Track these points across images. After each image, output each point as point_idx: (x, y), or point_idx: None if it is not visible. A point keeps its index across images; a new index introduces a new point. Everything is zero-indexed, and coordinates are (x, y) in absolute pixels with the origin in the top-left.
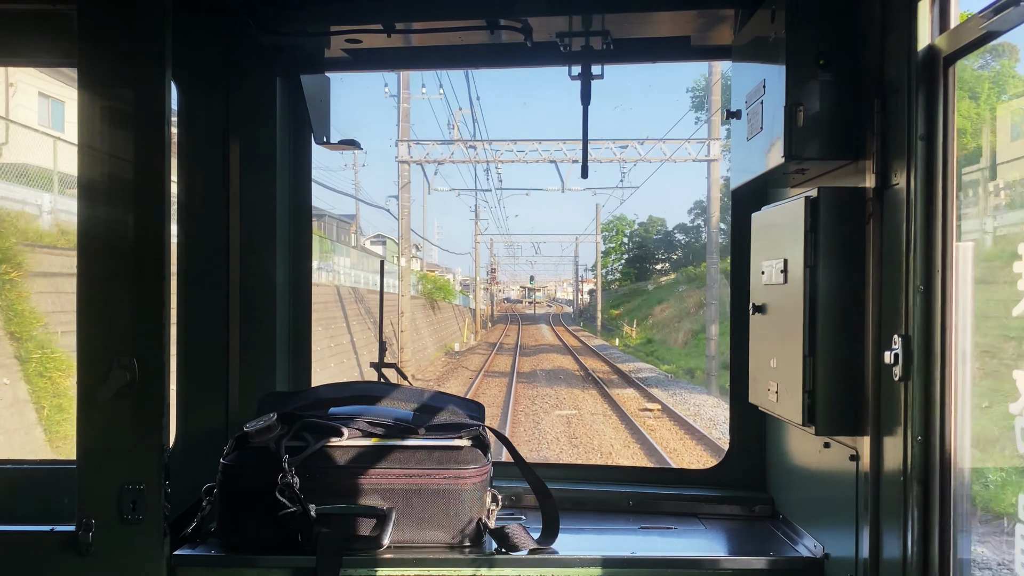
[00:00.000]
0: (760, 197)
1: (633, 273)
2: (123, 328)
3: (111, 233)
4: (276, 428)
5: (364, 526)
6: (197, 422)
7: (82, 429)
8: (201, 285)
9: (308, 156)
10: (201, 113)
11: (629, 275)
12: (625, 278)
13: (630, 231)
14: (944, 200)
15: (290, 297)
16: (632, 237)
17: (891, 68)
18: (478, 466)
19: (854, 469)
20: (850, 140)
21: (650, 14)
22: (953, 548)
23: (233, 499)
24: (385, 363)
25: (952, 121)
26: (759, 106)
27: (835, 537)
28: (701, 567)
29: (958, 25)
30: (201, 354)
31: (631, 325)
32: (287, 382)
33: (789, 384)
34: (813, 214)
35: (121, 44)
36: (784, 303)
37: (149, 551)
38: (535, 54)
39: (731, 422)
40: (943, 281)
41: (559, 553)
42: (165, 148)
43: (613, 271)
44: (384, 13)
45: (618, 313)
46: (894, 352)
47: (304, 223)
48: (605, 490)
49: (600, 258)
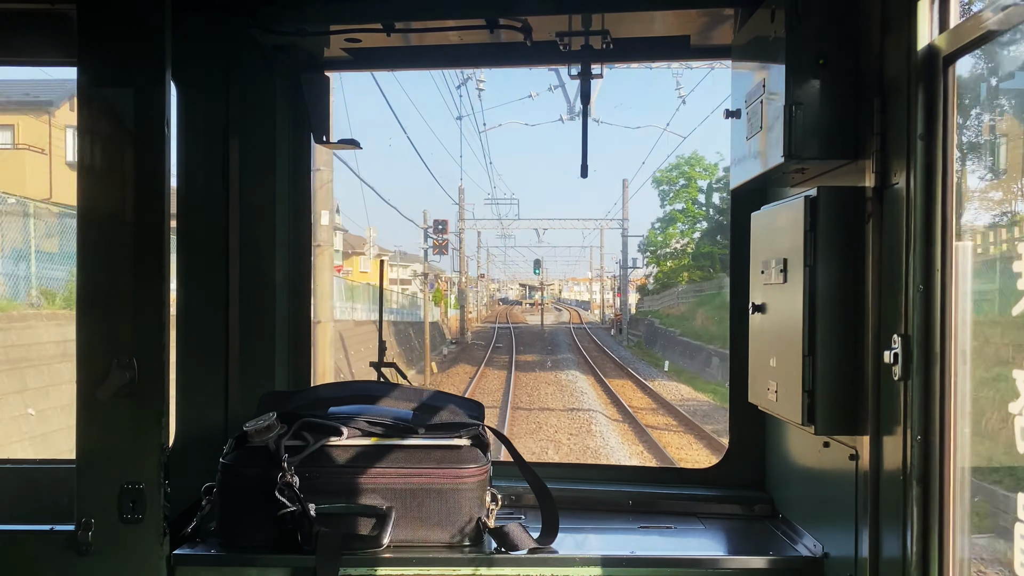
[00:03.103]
0: (760, 197)
1: (718, 255)
2: (123, 327)
3: (111, 232)
4: (276, 427)
5: (364, 525)
6: (197, 421)
7: (82, 428)
8: (201, 285)
9: (308, 156)
10: (201, 113)
11: (711, 259)
12: (699, 266)
13: (711, 181)
14: (944, 200)
15: (290, 296)
16: (712, 193)
17: (891, 68)
18: (478, 465)
19: (854, 469)
20: (850, 140)
21: (650, 13)
22: (952, 547)
23: (233, 498)
24: (384, 363)
25: (952, 120)
26: (759, 106)
27: (835, 536)
28: (701, 566)
29: (958, 24)
30: (201, 353)
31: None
32: (287, 381)
33: (789, 384)
34: (813, 214)
35: (121, 44)
36: (784, 303)
37: (149, 550)
38: (535, 53)
39: (731, 422)
40: (943, 281)
41: (559, 552)
42: (165, 148)
43: (674, 255)
44: (384, 13)
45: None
46: (894, 352)
47: (304, 223)
48: (605, 490)
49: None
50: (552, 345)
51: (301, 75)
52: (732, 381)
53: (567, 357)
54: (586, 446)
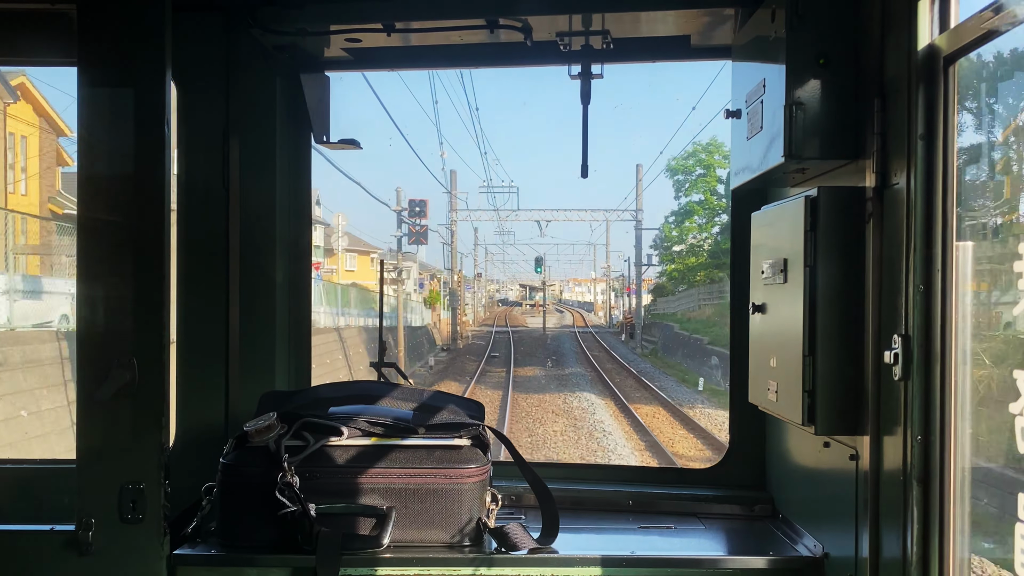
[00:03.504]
0: (760, 197)
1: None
2: (123, 327)
3: (111, 232)
4: (276, 427)
5: (364, 525)
6: (197, 421)
7: (82, 428)
8: (201, 284)
9: (308, 155)
10: (201, 113)
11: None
12: (720, 263)
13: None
14: (944, 200)
15: (289, 296)
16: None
17: (891, 67)
18: (478, 465)
19: (854, 469)
20: (850, 140)
21: (650, 13)
22: (953, 548)
23: (233, 498)
24: (385, 363)
25: (952, 120)
26: (759, 106)
27: (835, 537)
28: (701, 567)
29: (958, 24)
30: (201, 353)
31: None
32: (287, 381)
33: (789, 384)
34: (813, 214)
35: (121, 44)
36: (784, 303)
37: (149, 550)
38: (535, 53)
39: (731, 421)
40: (943, 281)
41: (559, 552)
42: (165, 148)
43: (691, 251)
44: (384, 13)
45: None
46: (894, 352)
47: (304, 222)
48: (605, 490)
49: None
50: (557, 355)
51: (301, 75)
52: (732, 381)
53: (576, 372)
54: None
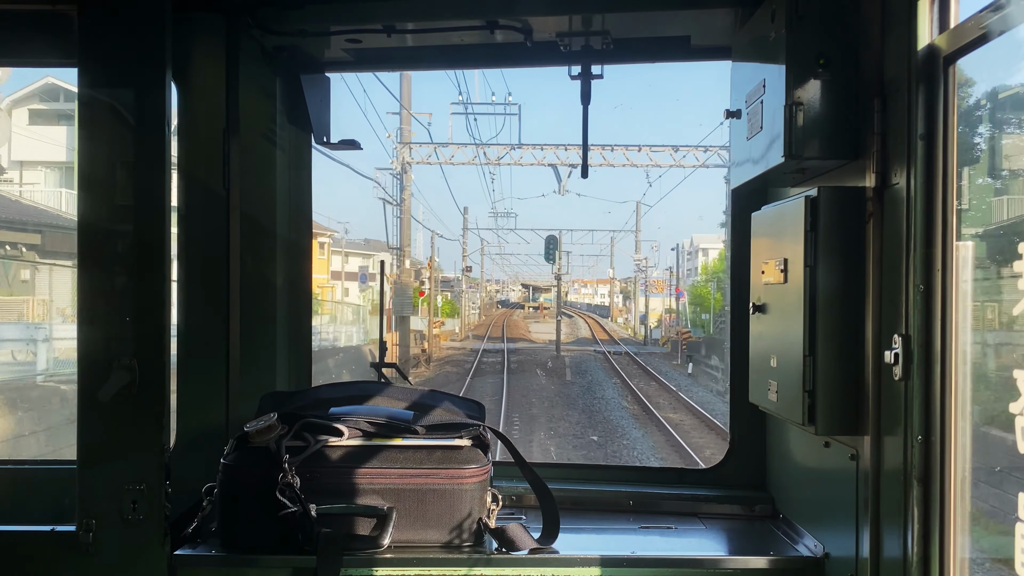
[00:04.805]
0: (760, 197)
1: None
2: (123, 328)
3: (111, 233)
4: (276, 428)
5: (364, 526)
6: (197, 422)
7: (83, 429)
8: (201, 285)
9: (308, 156)
10: (201, 113)
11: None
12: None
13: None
14: (944, 200)
15: (290, 297)
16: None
17: (891, 68)
18: (478, 466)
19: (854, 469)
20: (850, 140)
21: (650, 14)
22: (953, 547)
23: (233, 499)
24: (385, 363)
25: (952, 120)
26: (759, 106)
27: (835, 537)
28: (701, 567)
29: (958, 24)
30: (201, 354)
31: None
32: (287, 382)
33: (789, 384)
34: (813, 214)
35: (121, 44)
36: (784, 302)
37: (149, 551)
38: (535, 54)
39: (731, 421)
40: (943, 281)
41: (559, 553)
42: (165, 148)
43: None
44: (384, 13)
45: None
46: (894, 352)
47: (304, 223)
48: (605, 490)
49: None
50: (593, 426)
51: (301, 76)
52: (733, 381)
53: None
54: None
